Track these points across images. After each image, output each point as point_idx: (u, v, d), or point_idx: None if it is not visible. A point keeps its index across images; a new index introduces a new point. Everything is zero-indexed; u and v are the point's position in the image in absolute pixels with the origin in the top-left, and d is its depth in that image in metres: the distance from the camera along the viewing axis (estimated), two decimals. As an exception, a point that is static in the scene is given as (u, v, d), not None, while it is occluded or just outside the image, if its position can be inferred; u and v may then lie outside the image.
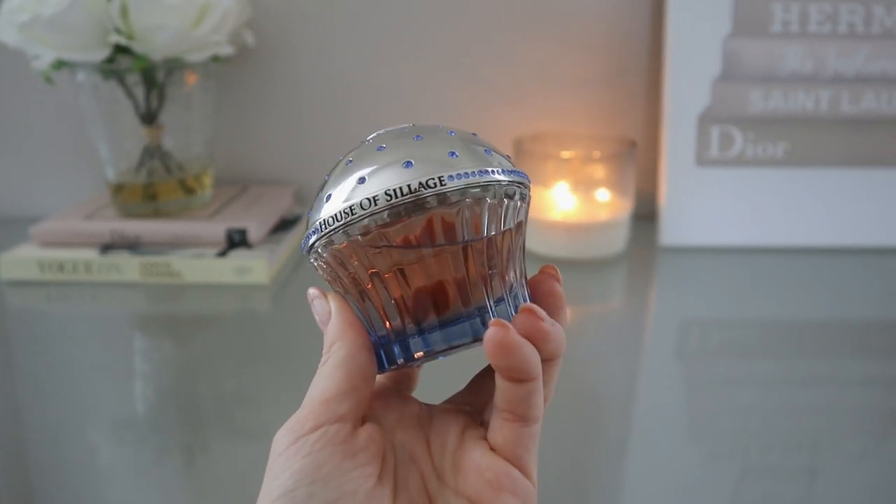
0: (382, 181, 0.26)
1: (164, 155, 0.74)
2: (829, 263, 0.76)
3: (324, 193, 0.27)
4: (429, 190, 0.25)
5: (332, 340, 0.29)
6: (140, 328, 0.67)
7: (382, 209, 0.25)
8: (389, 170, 0.26)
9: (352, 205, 0.26)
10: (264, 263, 0.68)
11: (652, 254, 0.78)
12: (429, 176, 0.25)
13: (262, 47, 0.82)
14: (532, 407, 0.27)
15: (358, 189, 0.26)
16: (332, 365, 0.28)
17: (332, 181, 0.27)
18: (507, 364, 0.26)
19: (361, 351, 0.28)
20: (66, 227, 0.72)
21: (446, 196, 0.25)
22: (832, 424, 0.49)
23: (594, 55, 0.82)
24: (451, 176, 0.25)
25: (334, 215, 0.26)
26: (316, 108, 0.85)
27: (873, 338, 0.63)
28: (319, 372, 0.28)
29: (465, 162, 0.26)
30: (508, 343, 0.25)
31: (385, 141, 0.27)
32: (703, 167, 0.77)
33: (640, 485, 0.44)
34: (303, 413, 0.27)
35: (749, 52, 0.75)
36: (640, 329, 0.65)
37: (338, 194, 0.27)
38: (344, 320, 0.29)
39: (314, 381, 0.28)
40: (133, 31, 0.65)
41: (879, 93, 0.76)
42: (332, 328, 0.29)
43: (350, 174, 0.27)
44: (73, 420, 0.50)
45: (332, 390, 0.27)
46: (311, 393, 0.28)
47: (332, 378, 0.27)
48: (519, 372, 0.26)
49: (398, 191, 0.25)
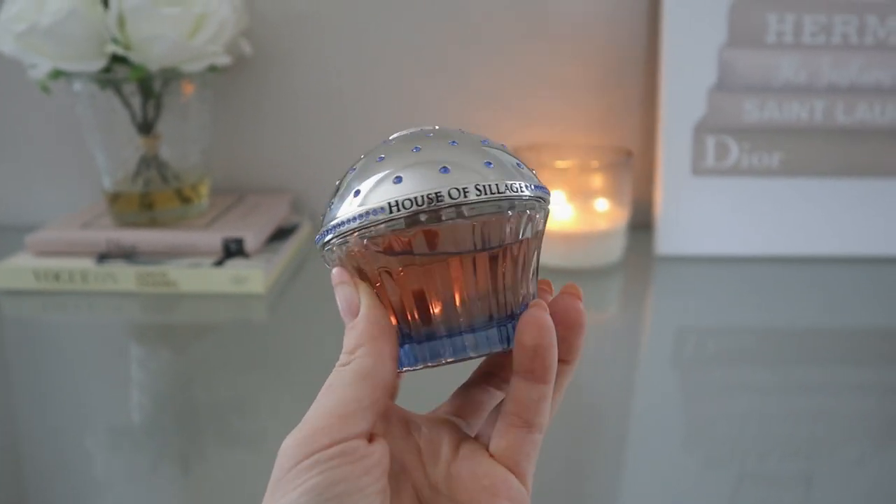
0: (411, 186, 0.25)
1: (160, 164, 0.74)
2: (824, 272, 0.76)
3: (346, 187, 0.27)
4: (451, 200, 0.25)
5: (357, 342, 0.26)
6: (136, 337, 0.66)
7: (402, 216, 0.25)
8: (420, 173, 0.25)
9: (373, 208, 0.25)
10: (261, 273, 0.68)
11: (648, 263, 0.78)
12: (459, 185, 0.25)
13: (258, 57, 0.82)
14: (540, 413, 0.27)
15: (382, 189, 0.25)
16: (356, 374, 0.25)
17: (358, 175, 0.27)
18: (539, 353, 0.26)
19: (389, 362, 0.26)
20: (62, 236, 0.72)
21: (470, 206, 0.25)
22: (828, 431, 0.49)
23: (590, 64, 0.83)
24: (479, 186, 0.25)
25: (354, 216, 0.26)
26: (312, 116, 0.85)
27: (869, 345, 0.63)
28: (338, 376, 0.26)
29: (494, 174, 0.26)
30: (548, 326, 0.26)
31: (414, 142, 0.27)
32: (698, 177, 0.77)
33: (637, 492, 0.44)
34: (317, 425, 0.24)
35: (744, 62, 0.75)
36: (636, 337, 0.65)
37: (363, 191, 0.26)
38: (375, 321, 0.26)
39: (331, 387, 0.25)
40: (130, 41, 0.65)
41: (873, 103, 0.76)
42: (361, 328, 0.26)
43: (377, 172, 0.26)
44: (69, 429, 0.50)
45: (352, 404, 0.25)
46: (326, 402, 0.25)
47: (353, 389, 0.25)
48: (543, 369, 0.26)
49: (420, 199, 0.25)
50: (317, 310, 0.68)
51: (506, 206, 0.26)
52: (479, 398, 0.31)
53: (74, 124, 0.81)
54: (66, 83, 0.71)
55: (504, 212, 0.26)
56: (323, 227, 0.28)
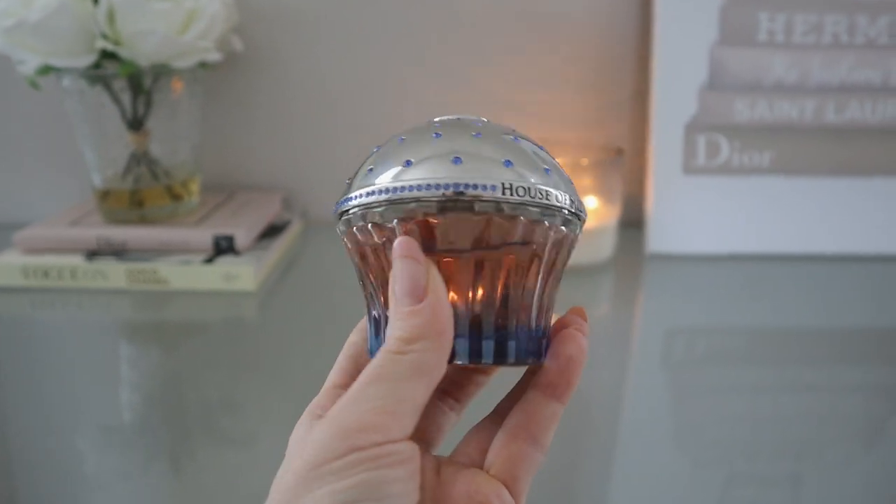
0: (427, 171, 0.24)
1: (150, 161, 0.73)
2: (814, 271, 0.76)
3: (396, 156, 0.26)
4: (503, 197, 0.24)
5: (421, 333, 0.23)
6: (126, 335, 0.66)
7: (430, 200, 0.24)
8: (437, 162, 0.25)
9: (401, 186, 0.24)
10: (251, 270, 0.68)
11: (639, 261, 0.78)
12: (518, 183, 0.24)
13: (249, 53, 0.82)
14: (548, 431, 0.27)
15: (405, 172, 0.25)
16: (415, 369, 0.23)
17: (415, 148, 0.26)
18: (569, 369, 0.26)
19: (446, 362, 0.24)
20: (52, 233, 0.72)
21: (501, 207, 0.24)
22: (818, 432, 0.50)
23: (581, 62, 0.83)
24: (516, 187, 0.24)
25: (377, 190, 0.25)
26: (304, 114, 0.85)
27: (859, 345, 0.63)
28: (393, 366, 0.23)
29: (550, 179, 0.26)
30: (584, 345, 0.26)
31: (451, 132, 0.26)
32: (689, 175, 0.77)
33: (627, 493, 0.44)
34: (367, 421, 0.22)
35: (735, 61, 0.76)
36: (626, 336, 0.65)
37: (415, 163, 0.25)
38: (444, 312, 0.24)
39: (382, 378, 0.23)
40: (119, 37, 0.65)
41: (863, 102, 0.76)
42: (427, 318, 0.23)
43: (436, 151, 0.25)
44: (58, 428, 0.50)
45: (408, 403, 0.23)
46: (376, 393, 0.23)
47: (410, 386, 0.23)
48: (567, 385, 0.26)
49: (449, 186, 0.24)
50: (308, 307, 0.68)
51: (538, 215, 0.25)
52: (437, 419, 0.30)
53: (64, 121, 0.80)
54: (55, 79, 0.71)
55: (540, 221, 0.25)
56: (357, 189, 0.26)
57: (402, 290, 0.24)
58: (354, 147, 0.85)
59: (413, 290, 0.24)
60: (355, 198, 0.25)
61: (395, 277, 0.24)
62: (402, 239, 0.24)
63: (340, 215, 0.27)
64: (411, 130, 0.27)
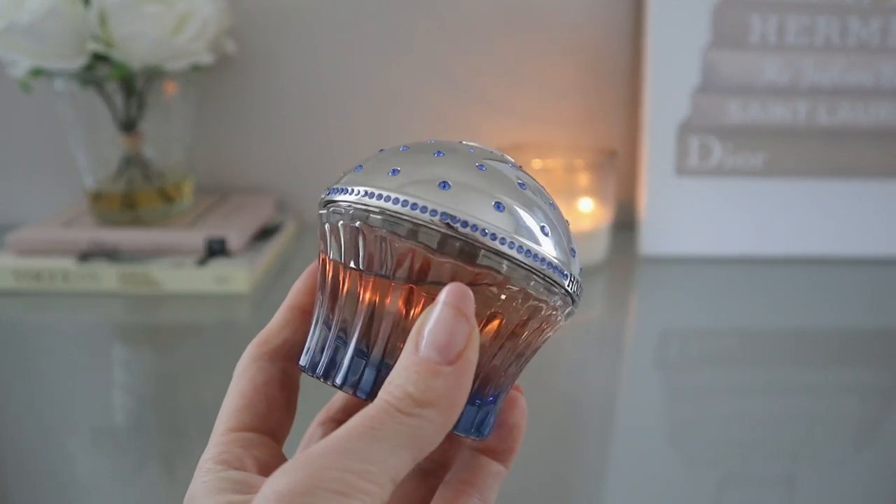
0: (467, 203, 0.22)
1: (143, 163, 0.73)
2: (808, 272, 0.76)
3: (397, 163, 0.24)
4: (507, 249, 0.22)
5: (436, 400, 0.20)
6: (119, 338, 0.66)
7: (439, 232, 0.22)
8: (479, 201, 0.23)
9: (423, 205, 0.22)
10: (244, 272, 0.68)
11: (632, 263, 0.78)
12: (515, 238, 0.23)
13: (243, 55, 0.82)
14: (493, 490, 0.25)
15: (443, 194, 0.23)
16: (416, 439, 0.20)
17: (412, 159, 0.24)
18: (514, 435, 0.25)
19: (444, 436, 0.21)
20: (43, 235, 0.71)
21: (508, 268, 0.23)
22: (811, 432, 0.50)
23: (574, 64, 0.83)
24: (528, 252, 0.23)
25: (394, 199, 0.23)
26: (297, 116, 0.85)
27: (853, 346, 0.63)
28: (393, 425, 0.20)
29: (551, 247, 0.24)
30: (526, 415, 0.25)
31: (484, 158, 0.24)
32: (682, 177, 0.78)
33: (621, 494, 0.44)
34: (350, 482, 0.18)
35: (728, 63, 0.76)
36: (620, 338, 0.65)
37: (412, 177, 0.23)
38: (467, 383, 0.21)
39: (375, 432, 0.19)
40: (111, 39, 0.65)
41: (855, 104, 0.76)
42: (450, 385, 0.20)
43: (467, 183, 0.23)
44: (50, 431, 0.49)
45: (395, 475, 0.19)
46: (371, 452, 0.19)
47: (402, 455, 0.19)
48: (510, 451, 0.25)
49: (486, 233, 0.22)
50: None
51: (537, 291, 0.24)
52: (416, 496, 0.27)
53: (56, 123, 0.80)
54: (47, 82, 0.70)
55: (545, 294, 0.24)
56: (359, 184, 0.24)
57: (434, 342, 0.20)
58: (347, 149, 0.85)
59: (448, 347, 0.20)
60: (376, 197, 0.23)
61: (432, 322, 0.21)
62: (458, 286, 0.21)
63: (347, 205, 0.24)
64: (448, 148, 0.25)
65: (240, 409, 0.25)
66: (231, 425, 0.25)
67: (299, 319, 0.27)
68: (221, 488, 0.21)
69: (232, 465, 0.23)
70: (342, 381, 0.23)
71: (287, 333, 0.27)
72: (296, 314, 0.27)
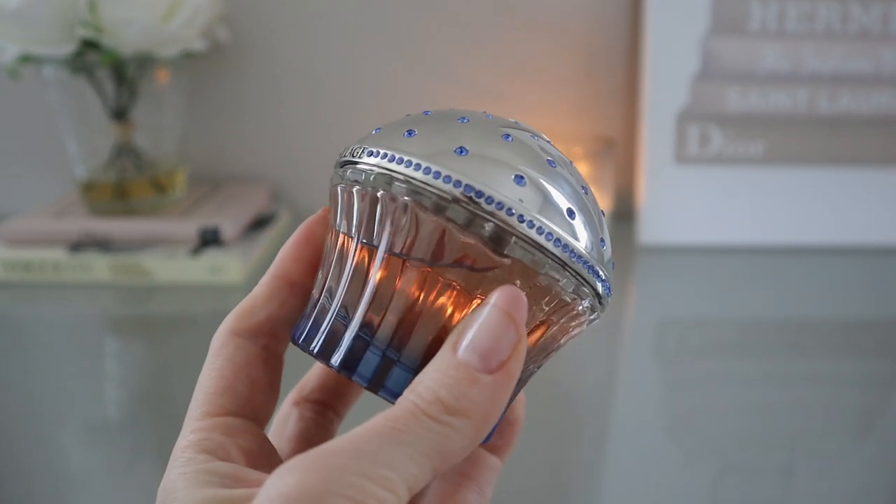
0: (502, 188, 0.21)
1: (134, 153, 0.72)
2: (807, 261, 0.76)
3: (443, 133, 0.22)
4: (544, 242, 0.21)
5: (470, 410, 0.18)
6: (111, 329, 0.65)
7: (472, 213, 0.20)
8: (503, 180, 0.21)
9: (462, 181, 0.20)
10: (238, 262, 0.67)
11: (631, 252, 0.77)
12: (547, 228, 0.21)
13: (236, 43, 0.81)
14: (491, 484, 0.24)
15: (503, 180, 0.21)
16: (441, 449, 0.18)
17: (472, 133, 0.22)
18: (514, 429, 0.25)
19: (470, 451, 0.19)
20: (34, 225, 0.70)
21: (539, 259, 0.21)
22: (810, 423, 0.49)
23: (572, 52, 0.82)
24: (559, 242, 0.21)
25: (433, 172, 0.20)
26: (292, 104, 0.84)
27: (852, 336, 0.63)
28: (419, 430, 0.18)
29: (583, 235, 0.22)
30: (524, 409, 0.25)
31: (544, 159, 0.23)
32: (681, 165, 0.77)
33: (619, 485, 0.44)
34: (367, 488, 0.16)
35: (727, 50, 0.75)
36: (618, 328, 0.64)
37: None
38: (505, 399, 0.19)
39: (399, 434, 0.18)
40: (101, 25, 0.64)
41: (856, 92, 0.76)
42: (487, 396, 0.18)
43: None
44: (42, 424, 0.49)
45: (414, 484, 0.18)
46: (392, 455, 0.17)
47: (424, 466, 0.18)
48: (508, 444, 0.25)
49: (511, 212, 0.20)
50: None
51: (570, 283, 0.22)
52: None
53: (45, 111, 0.79)
54: (36, 69, 0.69)
55: (576, 292, 0.23)
56: (383, 146, 0.22)
57: (478, 346, 0.19)
58: (341, 138, 0.84)
59: (492, 354, 0.19)
60: (414, 166, 0.21)
61: (478, 324, 0.19)
62: (512, 290, 0.19)
63: (352, 168, 0.22)
64: (473, 116, 0.23)
65: (219, 392, 0.23)
66: (209, 409, 0.23)
67: (286, 292, 0.24)
68: (206, 481, 0.19)
69: (216, 455, 0.21)
70: (341, 364, 0.21)
71: (272, 308, 0.24)
72: (282, 286, 0.24)
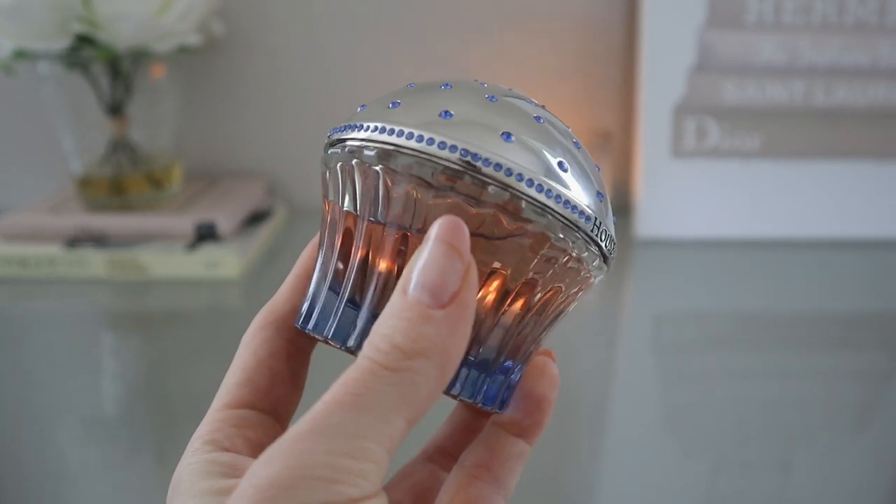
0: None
1: (130, 148, 0.72)
2: (804, 255, 0.76)
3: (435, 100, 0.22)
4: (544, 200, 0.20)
5: (428, 349, 0.17)
6: (107, 325, 0.65)
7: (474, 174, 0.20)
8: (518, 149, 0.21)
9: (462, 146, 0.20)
10: (234, 257, 0.67)
11: (627, 246, 0.77)
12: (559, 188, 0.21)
13: (232, 38, 0.81)
14: (514, 473, 0.22)
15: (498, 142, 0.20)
16: (409, 397, 0.17)
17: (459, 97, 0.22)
18: (542, 408, 0.22)
19: (443, 390, 0.19)
20: (30, 221, 0.70)
21: (545, 220, 0.20)
22: (807, 417, 0.49)
23: (568, 45, 0.82)
24: (559, 199, 0.21)
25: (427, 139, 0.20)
26: (287, 99, 0.84)
27: (850, 330, 0.63)
28: (379, 387, 0.17)
29: (580, 191, 0.22)
30: (557, 380, 0.22)
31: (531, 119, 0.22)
32: (678, 158, 0.77)
33: (615, 479, 0.44)
34: (339, 464, 0.16)
35: (724, 43, 0.75)
36: (615, 322, 0.64)
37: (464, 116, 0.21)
38: (465, 331, 0.18)
39: (359, 399, 0.17)
40: (96, 19, 0.63)
41: (853, 84, 0.76)
42: (444, 330, 0.17)
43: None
44: (38, 420, 0.49)
45: (390, 445, 0.17)
46: (359, 424, 0.16)
47: (393, 418, 0.17)
48: (537, 425, 0.22)
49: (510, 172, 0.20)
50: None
51: (571, 240, 0.22)
52: (428, 485, 0.25)
53: (41, 107, 0.78)
54: (31, 65, 0.69)
55: (575, 242, 0.22)
56: (382, 119, 0.22)
57: (424, 282, 0.18)
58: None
59: (441, 288, 0.18)
60: (379, 130, 0.21)
61: (422, 261, 0.18)
62: (450, 219, 0.18)
63: (344, 143, 0.22)
64: (457, 82, 0.24)
65: (239, 384, 0.23)
66: (227, 401, 0.23)
67: None
68: (208, 472, 0.19)
69: (221, 446, 0.21)
70: (332, 334, 0.21)
71: (296, 301, 0.24)
72: (305, 282, 0.24)
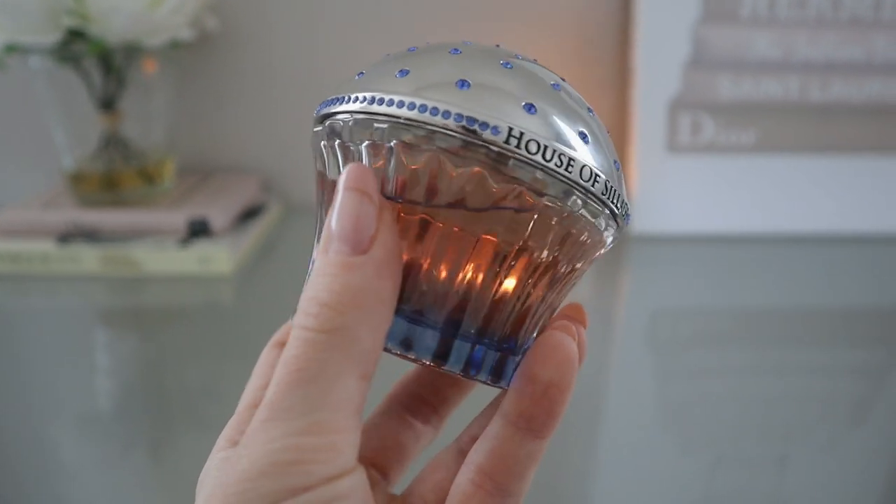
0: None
1: (123, 143, 0.71)
2: (800, 250, 0.76)
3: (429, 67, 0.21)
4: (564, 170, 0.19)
5: (355, 299, 0.16)
6: (100, 321, 0.64)
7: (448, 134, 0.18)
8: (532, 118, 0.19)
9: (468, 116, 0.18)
10: (227, 253, 0.66)
11: (622, 242, 0.77)
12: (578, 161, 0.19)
13: (226, 32, 0.80)
14: (524, 478, 0.20)
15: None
16: (346, 355, 0.16)
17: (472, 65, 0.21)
18: (549, 395, 0.19)
19: (383, 338, 0.18)
20: (21, 216, 0.70)
21: (544, 180, 0.19)
22: (804, 413, 0.49)
23: (563, 40, 0.82)
24: (567, 161, 0.19)
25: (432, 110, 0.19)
26: (281, 94, 0.83)
27: (846, 325, 0.63)
28: (314, 354, 0.16)
29: (592, 157, 0.20)
30: (573, 360, 0.19)
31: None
32: (673, 154, 0.77)
33: (612, 476, 0.44)
34: (303, 443, 0.15)
35: (719, 38, 0.75)
36: (611, 318, 0.64)
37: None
38: (391, 273, 0.17)
39: (301, 374, 0.16)
40: (87, 13, 0.63)
41: (848, 80, 0.76)
42: (368, 276, 0.17)
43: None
44: (32, 417, 0.48)
45: (348, 411, 0.16)
46: (309, 399, 0.16)
47: (345, 386, 0.16)
48: (547, 416, 0.20)
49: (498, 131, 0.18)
50: (286, 292, 0.66)
51: (591, 209, 0.20)
52: (399, 437, 0.23)
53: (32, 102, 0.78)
54: (22, 59, 0.68)
55: (581, 209, 0.20)
56: (366, 90, 0.21)
57: (340, 232, 0.17)
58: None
59: (356, 234, 0.17)
60: (385, 103, 0.20)
61: (333, 214, 0.18)
62: (353, 166, 0.18)
63: (347, 116, 0.21)
64: (464, 46, 0.22)
65: (260, 387, 0.23)
66: (249, 401, 0.22)
67: None
68: (221, 468, 0.19)
69: (235, 442, 0.21)
70: None
71: None
72: None
